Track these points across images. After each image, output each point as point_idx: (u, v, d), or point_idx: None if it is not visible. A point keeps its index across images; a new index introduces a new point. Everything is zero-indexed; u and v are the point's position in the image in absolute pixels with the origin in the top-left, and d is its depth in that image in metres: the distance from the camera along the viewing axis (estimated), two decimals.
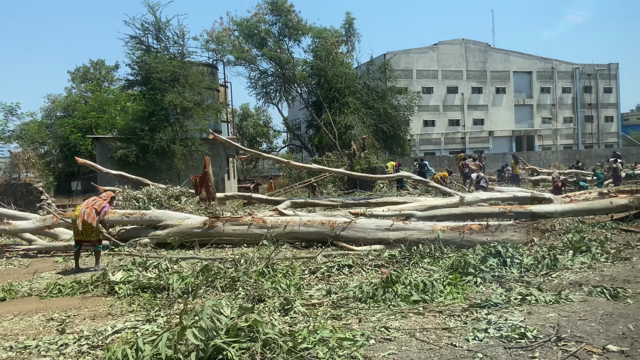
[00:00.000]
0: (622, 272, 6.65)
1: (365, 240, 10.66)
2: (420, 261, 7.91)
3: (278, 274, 6.62)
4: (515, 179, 24.72)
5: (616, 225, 11.32)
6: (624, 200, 12.39)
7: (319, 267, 7.33)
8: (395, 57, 59.75)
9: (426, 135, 61.31)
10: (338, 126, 35.87)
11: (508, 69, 63.81)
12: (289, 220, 11.11)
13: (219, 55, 33.23)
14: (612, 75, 65.77)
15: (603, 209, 12.41)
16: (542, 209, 12.36)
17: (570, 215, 12.56)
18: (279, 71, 36.19)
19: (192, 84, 23.79)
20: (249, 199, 15.31)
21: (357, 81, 38.45)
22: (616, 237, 10.15)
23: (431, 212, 12.61)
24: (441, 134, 62.07)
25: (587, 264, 7.44)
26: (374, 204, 16.62)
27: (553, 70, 64.63)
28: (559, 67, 64.88)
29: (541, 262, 7.45)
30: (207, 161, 13.29)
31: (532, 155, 54.74)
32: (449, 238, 10.41)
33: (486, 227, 10.48)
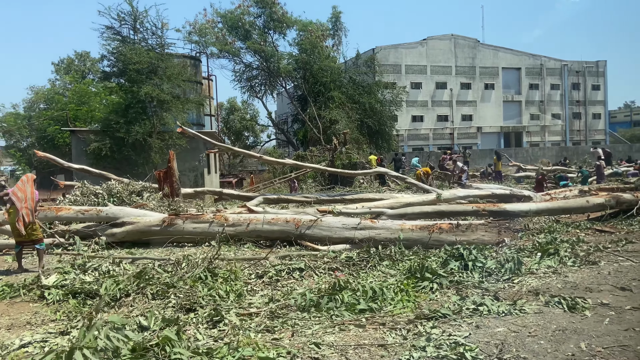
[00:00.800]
0: (586, 278, 6.22)
1: (331, 239, 10.19)
2: (378, 264, 7.45)
3: (219, 278, 6.11)
4: (498, 176, 24.33)
5: (591, 225, 10.92)
6: (600, 199, 11.99)
7: (267, 271, 6.83)
8: (384, 52, 59.22)
9: (414, 130, 60.94)
10: (323, 120, 35.37)
11: (497, 65, 63.49)
12: (252, 218, 10.62)
13: (201, 47, 32.63)
14: (601, 73, 65.58)
15: (579, 207, 12.00)
16: (517, 208, 11.93)
17: (546, 214, 12.15)
18: (264, 64, 35.59)
19: (170, 76, 23.16)
20: (220, 194, 14.80)
21: (343, 75, 37.91)
22: (589, 237, 9.73)
23: (402, 210, 12.15)
24: (430, 129, 61.73)
25: (553, 269, 7.01)
26: (349, 201, 16.14)
27: (542, 66, 64.36)
28: (547, 63, 64.62)
29: (504, 266, 7.00)
30: (172, 155, 12.74)
31: (520, 151, 54.50)
32: (417, 237, 9.97)
33: (456, 227, 10.04)
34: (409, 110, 60.68)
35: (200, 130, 30.52)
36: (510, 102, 64.19)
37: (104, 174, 14.73)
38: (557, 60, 65.02)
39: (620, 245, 8.24)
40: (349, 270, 7.14)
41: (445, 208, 12.08)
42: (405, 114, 60.58)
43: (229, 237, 10.32)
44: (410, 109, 60.72)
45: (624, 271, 6.32)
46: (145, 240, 10.51)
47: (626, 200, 12.03)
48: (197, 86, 33.86)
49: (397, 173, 17.17)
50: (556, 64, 64.85)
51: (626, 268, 6.51)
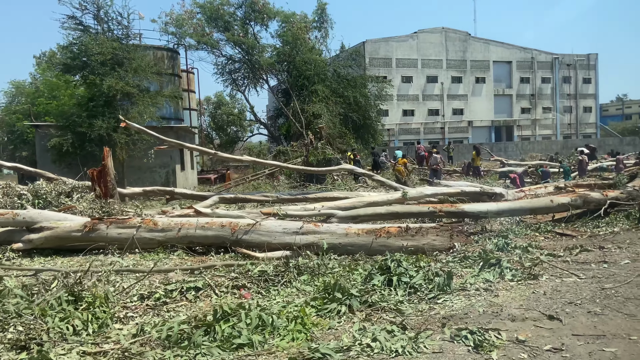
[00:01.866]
0: (517, 299, 5.26)
1: (270, 245, 9.22)
2: (294, 279, 6.48)
3: (83, 303, 5.13)
4: (476, 172, 23.35)
5: (552, 228, 9.97)
6: (565, 199, 11.02)
7: (154, 291, 5.84)
8: (374, 45, 58.31)
9: (405, 125, 60.02)
10: (306, 115, 34.37)
11: (488, 58, 62.50)
12: (184, 222, 9.64)
13: (179, 39, 31.43)
14: (592, 66, 64.56)
15: (543, 208, 11.04)
16: (475, 209, 10.97)
17: (507, 214, 11.18)
18: (245, 57, 34.53)
19: (137, 68, 22.10)
20: (172, 194, 13.83)
21: (327, 68, 36.85)
22: (547, 242, 8.78)
23: (354, 211, 11.18)
24: (420, 123, 60.79)
25: (489, 284, 6.06)
26: (312, 199, 15.17)
27: (533, 60, 63.36)
28: (538, 57, 63.61)
29: (433, 281, 6.06)
30: (106, 152, 11.76)
31: (509, 145, 53.65)
32: (363, 243, 9.04)
33: (405, 230, 9.09)
34: (399, 104, 59.74)
35: (179, 125, 29.46)
36: (501, 96, 63.22)
37: (40, 172, 13.73)
38: (548, 54, 63.99)
39: (574, 253, 7.30)
40: (258, 288, 6.17)
41: (399, 209, 11.12)
42: (396, 108, 59.64)
43: (158, 243, 9.42)
44: (401, 103, 59.78)
45: (562, 291, 5.37)
46: (69, 247, 9.55)
47: (594, 199, 11.08)
48: (175, 79, 32.75)
49: (363, 170, 16.20)
50: (547, 58, 63.83)
51: (567, 286, 5.56)
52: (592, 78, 64.81)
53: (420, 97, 60.65)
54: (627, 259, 6.58)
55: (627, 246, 7.40)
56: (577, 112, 64.57)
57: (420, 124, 60.87)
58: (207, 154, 14.08)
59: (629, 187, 11.51)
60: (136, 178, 24.13)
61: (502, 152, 51.08)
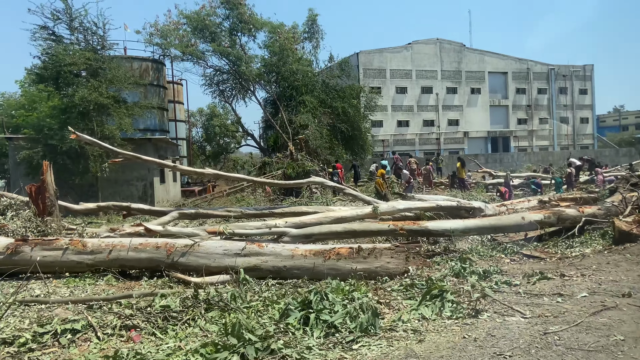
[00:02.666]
0: (440, 349, 4.33)
1: (209, 268, 8.34)
2: (201, 316, 5.56)
3: None
4: (461, 184, 22.43)
5: (520, 249, 9.05)
6: (538, 216, 10.11)
7: (20, 335, 4.94)
8: (368, 56, 57.68)
9: (400, 135, 59.18)
10: (293, 126, 33.57)
11: (483, 69, 61.74)
12: (117, 243, 8.76)
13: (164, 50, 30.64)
14: (588, 77, 63.76)
15: (513, 225, 10.12)
16: (439, 226, 10.07)
17: (475, 233, 10.29)
18: (232, 68, 33.76)
19: (112, 79, 21.34)
20: (128, 209, 12.98)
21: (316, 79, 36.07)
22: (511, 265, 7.87)
23: (308, 230, 10.27)
24: (415, 134, 59.96)
25: (421, 322, 5.16)
26: (278, 214, 14.27)
27: (528, 70, 62.59)
28: (534, 67, 62.84)
29: (356, 320, 5.16)
30: (45, 166, 10.91)
31: (505, 156, 52.74)
32: (310, 265, 8.18)
33: (357, 252, 8.22)
34: (394, 115, 58.99)
35: (159, 137, 28.50)
36: (497, 107, 62.41)
37: None
38: (544, 65, 63.24)
39: (532, 282, 6.39)
40: (154, 327, 5.26)
41: (357, 227, 10.21)
42: (391, 119, 58.88)
43: (87, 266, 8.55)
44: (395, 114, 59.03)
45: (498, 335, 4.46)
46: None
47: (569, 216, 10.16)
48: (160, 90, 32.07)
49: (333, 183, 15.33)
50: (543, 68, 63.07)
51: (506, 329, 4.64)
52: (588, 89, 63.99)
53: (415, 107, 59.88)
54: (587, 290, 5.68)
55: (591, 273, 6.49)
56: (574, 123, 63.68)
57: (415, 134, 60.05)
58: (165, 167, 13.24)
59: (607, 203, 10.60)
60: (112, 192, 23.33)
61: (498, 164, 50.14)
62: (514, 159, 51.43)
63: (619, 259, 7.17)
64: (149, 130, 30.80)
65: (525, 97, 62.83)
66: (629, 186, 11.00)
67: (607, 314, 4.76)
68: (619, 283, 5.88)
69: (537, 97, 62.90)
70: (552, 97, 62.75)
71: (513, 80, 62.49)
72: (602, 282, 5.98)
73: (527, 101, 62.77)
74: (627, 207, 10.05)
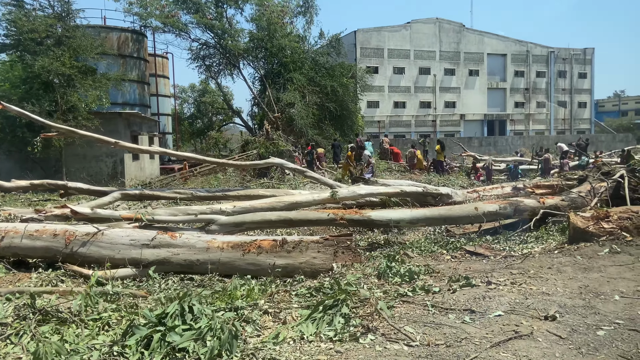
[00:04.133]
0: None
1: (114, 260, 7.22)
2: (29, 330, 4.43)
3: None
4: (439, 167, 21.20)
5: (464, 244, 7.91)
6: (493, 207, 8.95)
7: None
8: (366, 34, 56.09)
9: (396, 117, 57.83)
10: (280, 104, 32.29)
11: (482, 50, 60.09)
12: (10, 229, 7.67)
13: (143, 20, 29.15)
14: (588, 60, 61.98)
15: (465, 217, 8.96)
16: (384, 216, 8.90)
17: (423, 223, 9.14)
18: (217, 42, 32.37)
19: (77, 48, 20.08)
20: (65, 188, 11.90)
21: (305, 56, 34.67)
22: (449, 264, 6.74)
23: (239, 217, 9.12)
24: (412, 116, 58.64)
25: (298, 343, 4.08)
26: (232, 197, 13.18)
27: (528, 53, 60.89)
28: (534, 50, 61.10)
29: (207, 343, 4.06)
30: None
31: (500, 140, 51.48)
32: (227, 260, 7.08)
33: (281, 245, 7.11)
34: (391, 96, 57.60)
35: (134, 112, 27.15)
36: (494, 89, 60.88)
37: None
38: (544, 47, 61.48)
39: (452, 288, 5.26)
40: None
41: (294, 215, 9.04)
42: (387, 99, 57.49)
43: None
44: (392, 94, 57.63)
45: None
46: None
47: (528, 207, 8.99)
48: (141, 63, 30.77)
49: (294, 165, 14.16)
50: (543, 51, 61.31)
51: None
52: (587, 73, 62.24)
53: (412, 89, 58.44)
54: (506, 306, 4.54)
55: (525, 280, 5.35)
56: (571, 107, 62.10)
57: (412, 116, 58.72)
58: (106, 144, 12.13)
59: (573, 193, 9.43)
60: (79, 167, 22.27)
61: (492, 147, 48.87)
62: (508, 143, 50.17)
63: (565, 263, 6.04)
64: (128, 104, 29.62)
65: (524, 80, 61.24)
66: (600, 175, 9.82)
67: (513, 346, 3.64)
68: (550, 297, 4.75)
69: (536, 81, 61.28)
70: (550, 81, 61.11)
71: (512, 62, 60.86)
72: (530, 295, 4.84)
73: (525, 84, 61.20)
74: (594, 198, 8.89)
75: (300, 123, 31.20)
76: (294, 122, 31.49)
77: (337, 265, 6.81)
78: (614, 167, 11.07)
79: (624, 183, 9.06)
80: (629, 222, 6.67)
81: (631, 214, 6.79)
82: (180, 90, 51.20)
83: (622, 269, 5.65)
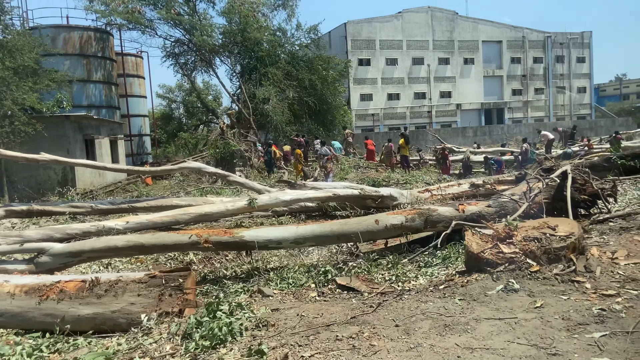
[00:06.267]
0: None
1: None
2: None
3: None
4: (404, 162, 19.13)
5: (334, 275, 5.96)
6: (398, 218, 6.96)
7: None
8: (356, 26, 53.91)
9: (390, 109, 55.66)
10: (255, 100, 30.42)
11: (477, 38, 57.58)
12: None
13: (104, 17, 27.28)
14: (586, 44, 59.18)
15: (364, 231, 6.97)
16: (260, 236, 6.92)
17: (312, 242, 7.14)
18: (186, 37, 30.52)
19: (12, 49, 18.37)
20: None
21: (281, 49, 32.73)
22: (309, 305, 4.86)
23: (77, 245, 7.12)
24: (406, 107, 56.40)
25: None
26: (142, 209, 11.40)
27: (524, 39, 58.25)
28: (530, 35, 58.44)
29: None
30: None
31: (495, 129, 49.20)
32: (18, 310, 5.37)
33: (90, 287, 5.32)
34: (384, 88, 55.39)
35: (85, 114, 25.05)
36: (491, 77, 58.35)
37: None
38: (540, 32, 58.81)
39: None
40: None
41: (146, 240, 7.06)
42: (381, 92, 55.32)
43: None
44: (385, 86, 55.41)
45: None
46: None
47: (442, 218, 7.00)
48: (106, 63, 29.03)
49: (214, 169, 12.25)
50: (539, 36, 58.66)
51: None
52: (586, 57, 59.44)
53: (405, 80, 56.18)
54: None
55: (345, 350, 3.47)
56: (570, 93, 59.45)
57: (406, 108, 56.50)
58: None
59: (504, 197, 7.42)
60: (26, 175, 20.57)
61: (487, 137, 46.65)
62: (504, 131, 47.89)
63: (430, 312, 4.10)
64: (93, 106, 27.95)
65: (521, 67, 58.66)
66: (540, 171, 7.84)
67: None
68: None
69: (533, 67, 58.70)
70: (548, 66, 58.48)
71: (508, 49, 58.28)
72: None
73: (522, 71, 58.64)
74: (525, 202, 6.90)
75: (275, 119, 29.35)
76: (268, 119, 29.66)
77: (148, 318, 4.96)
78: (562, 162, 9.06)
79: (567, 182, 7.08)
80: (536, 245, 4.71)
81: (542, 233, 4.83)
82: (167, 90, 49.42)
83: (501, 327, 3.71)
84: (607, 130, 44.23)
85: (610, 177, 12.54)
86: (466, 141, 46.09)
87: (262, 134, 29.76)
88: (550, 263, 4.65)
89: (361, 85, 55.05)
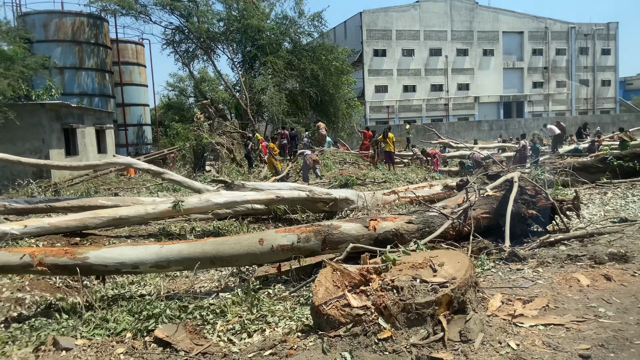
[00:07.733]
0: None
1: None
2: None
3: None
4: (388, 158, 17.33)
5: (171, 315, 4.41)
6: (289, 238, 5.34)
7: None
8: (372, 15, 51.83)
9: (406, 101, 53.54)
10: (254, 91, 28.92)
11: (497, 29, 54.86)
12: None
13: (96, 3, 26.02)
14: (611, 36, 55.88)
15: (246, 254, 5.36)
16: (111, 258, 5.31)
17: (179, 266, 5.51)
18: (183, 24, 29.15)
19: None
20: None
21: (283, 38, 31.08)
22: None
23: None
24: (422, 100, 54.16)
25: None
26: (61, 209, 10.01)
27: (546, 30, 55.30)
28: (553, 26, 55.44)
29: None
30: None
31: (511, 123, 46.90)
32: None
33: None
34: (400, 79, 53.26)
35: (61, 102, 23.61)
36: (511, 69, 55.60)
37: None
38: (564, 23, 55.72)
39: None
40: None
41: None
42: (396, 83, 53.22)
43: None
44: (401, 78, 53.27)
45: None
46: None
47: (345, 236, 5.36)
48: (100, 50, 27.84)
49: (148, 165, 10.70)
50: (562, 27, 55.59)
51: None
52: (611, 49, 56.15)
53: (422, 71, 53.90)
54: None
55: None
56: (594, 86, 56.31)
57: (422, 100, 54.26)
58: None
59: (433, 210, 5.72)
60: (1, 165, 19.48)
61: (503, 131, 44.38)
62: (521, 125, 45.52)
63: None
64: (86, 94, 26.84)
65: (542, 59, 55.76)
66: (483, 176, 6.14)
67: None
68: None
69: (555, 59, 55.73)
70: (571, 59, 55.47)
71: (529, 40, 55.42)
72: None
73: (544, 63, 55.74)
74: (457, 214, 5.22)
75: (272, 110, 27.82)
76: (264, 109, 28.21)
77: None
78: (511, 167, 7.28)
79: (511, 194, 5.37)
80: (393, 298, 3.07)
81: (412, 277, 3.19)
82: (178, 80, 48.31)
83: None
84: (630, 124, 41.43)
85: (604, 180, 10.68)
86: (481, 135, 43.88)
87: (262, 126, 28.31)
88: (411, 326, 3.00)
89: (376, 76, 52.98)
